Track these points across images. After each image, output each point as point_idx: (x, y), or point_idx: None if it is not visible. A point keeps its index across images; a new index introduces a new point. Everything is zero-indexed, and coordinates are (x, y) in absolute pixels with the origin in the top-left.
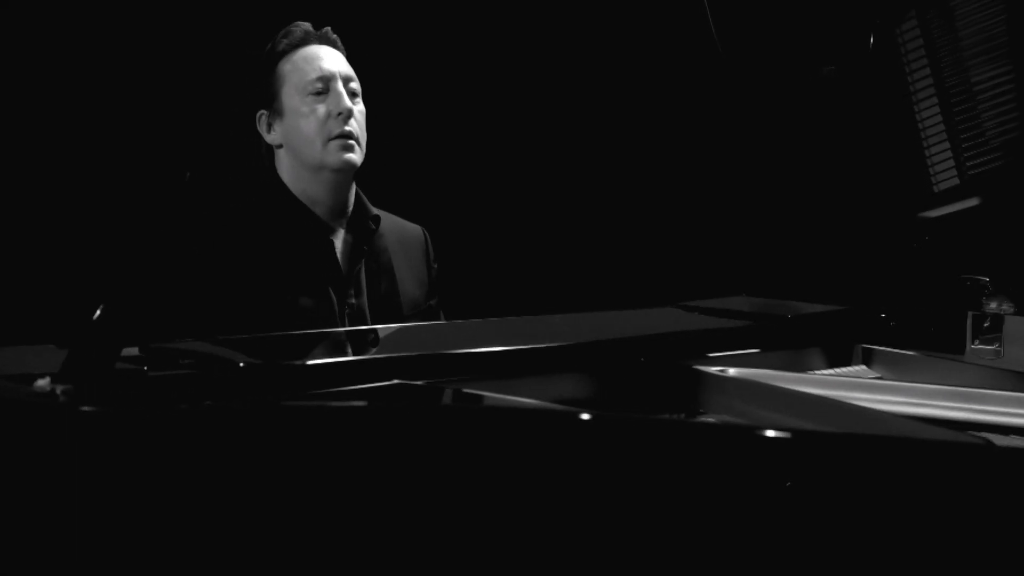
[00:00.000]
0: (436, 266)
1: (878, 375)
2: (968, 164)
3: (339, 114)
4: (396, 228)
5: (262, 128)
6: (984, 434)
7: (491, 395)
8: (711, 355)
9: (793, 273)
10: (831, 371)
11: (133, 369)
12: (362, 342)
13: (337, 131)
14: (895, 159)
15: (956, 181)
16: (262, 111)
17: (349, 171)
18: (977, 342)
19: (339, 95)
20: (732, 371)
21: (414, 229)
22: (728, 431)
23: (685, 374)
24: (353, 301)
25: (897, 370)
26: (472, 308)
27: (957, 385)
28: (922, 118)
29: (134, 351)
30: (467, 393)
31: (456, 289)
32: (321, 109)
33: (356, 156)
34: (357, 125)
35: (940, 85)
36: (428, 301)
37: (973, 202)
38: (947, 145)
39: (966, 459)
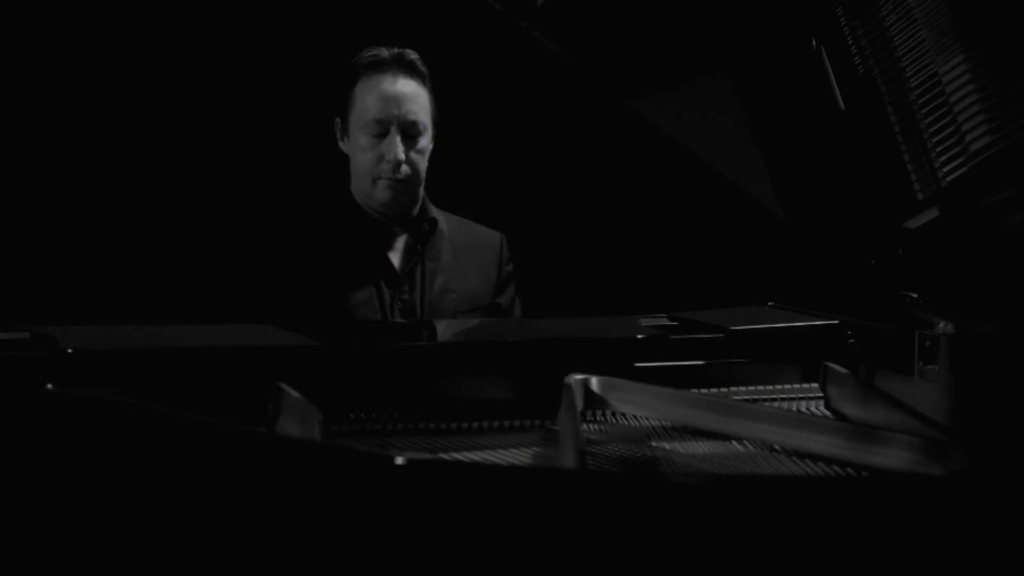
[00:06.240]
0: (510, 268)
1: (821, 395)
2: (944, 169)
3: (390, 161)
4: (470, 232)
5: (337, 133)
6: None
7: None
8: (637, 364)
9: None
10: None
11: None
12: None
13: (387, 176)
14: (878, 167)
15: (934, 188)
16: (337, 118)
17: (394, 209)
18: (922, 363)
19: (393, 143)
20: (595, 380)
21: (490, 234)
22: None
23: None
24: (406, 296)
25: (837, 390)
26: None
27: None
28: (892, 121)
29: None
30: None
31: (531, 289)
32: (376, 150)
33: (402, 198)
34: (410, 168)
35: (905, 85)
36: (494, 299)
37: (933, 213)
38: (921, 150)
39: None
